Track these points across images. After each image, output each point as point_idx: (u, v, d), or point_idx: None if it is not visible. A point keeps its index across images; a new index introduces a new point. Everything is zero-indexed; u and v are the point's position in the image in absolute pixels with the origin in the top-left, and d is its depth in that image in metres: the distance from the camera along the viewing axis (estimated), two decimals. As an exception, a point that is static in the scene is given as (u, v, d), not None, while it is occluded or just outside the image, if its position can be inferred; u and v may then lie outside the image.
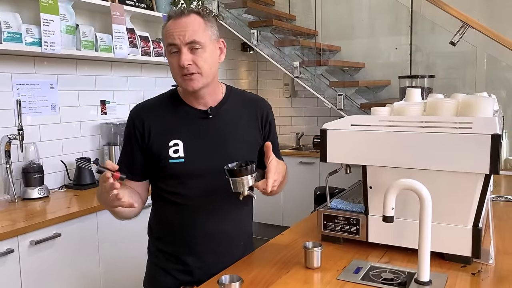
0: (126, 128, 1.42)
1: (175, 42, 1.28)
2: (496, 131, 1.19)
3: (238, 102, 1.47)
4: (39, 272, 2.02)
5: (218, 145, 1.38)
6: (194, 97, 1.39)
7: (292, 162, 4.18)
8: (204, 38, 1.30)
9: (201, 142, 1.36)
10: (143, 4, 3.13)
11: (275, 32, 4.25)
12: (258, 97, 1.56)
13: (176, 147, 1.35)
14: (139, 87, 3.28)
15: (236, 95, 1.49)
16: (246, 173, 1.21)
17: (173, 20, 1.31)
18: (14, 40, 2.25)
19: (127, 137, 1.41)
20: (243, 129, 1.44)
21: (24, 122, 2.44)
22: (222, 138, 1.39)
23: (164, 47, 1.36)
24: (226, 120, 1.42)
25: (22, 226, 1.94)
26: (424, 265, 1.16)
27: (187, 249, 1.40)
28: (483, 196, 1.27)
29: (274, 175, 1.23)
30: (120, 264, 2.40)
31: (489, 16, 3.73)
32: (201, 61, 1.30)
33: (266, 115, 1.49)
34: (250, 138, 1.45)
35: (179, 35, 1.28)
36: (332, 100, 3.79)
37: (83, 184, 2.65)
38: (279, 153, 1.57)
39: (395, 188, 1.18)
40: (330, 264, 1.35)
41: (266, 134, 1.50)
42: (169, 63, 1.35)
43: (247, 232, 1.53)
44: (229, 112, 1.43)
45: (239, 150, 1.40)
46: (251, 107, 1.48)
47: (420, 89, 1.78)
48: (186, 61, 1.28)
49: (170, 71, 1.37)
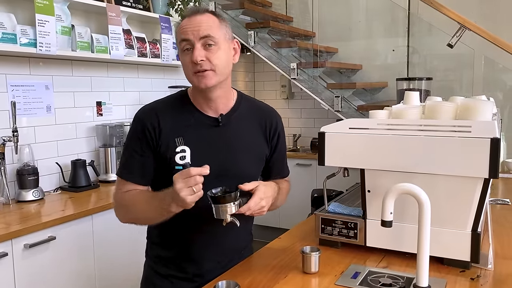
0: (133, 131, 1.35)
1: (188, 38, 1.24)
2: (495, 135, 1.19)
3: (248, 110, 1.42)
4: (34, 276, 2.00)
5: (225, 155, 1.34)
6: (205, 99, 1.33)
7: (289, 164, 4.08)
8: (218, 35, 1.26)
9: (209, 151, 1.32)
10: (139, 5, 3.12)
11: (272, 34, 4.24)
12: (268, 107, 1.51)
13: (183, 154, 1.30)
14: (135, 88, 3.26)
15: (246, 103, 1.44)
16: (230, 200, 1.19)
17: (188, 18, 1.28)
18: (9, 41, 2.23)
19: (136, 140, 1.33)
20: (251, 139, 1.40)
21: (19, 124, 2.42)
22: (230, 147, 1.35)
23: (178, 47, 1.32)
24: (236, 129, 1.37)
25: (16, 229, 1.91)
26: (422, 270, 1.15)
27: (187, 256, 1.38)
28: (482, 201, 1.27)
29: (256, 200, 1.22)
30: (115, 267, 2.37)
31: (486, 18, 3.73)
32: (215, 58, 1.25)
33: (275, 126, 1.45)
34: (258, 149, 1.42)
35: (193, 30, 1.24)
36: (329, 102, 3.79)
37: (78, 186, 2.62)
38: (285, 165, 1.56)
39: (393, 192, 1.16)
40: (328, 269, 1.34)
41: (274, 145, 1.46)
42: (182, 61, 1.30)
43: (248, 239, 1.52)
44: (239, 121, 1.38)
45: (245, 160, 1.38)
46: (261, 117, 1.44)
47: (418, 91, 1.77)
48: (200, 56, 1.23)
49: (184, 71, 1.31)
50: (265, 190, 1.26)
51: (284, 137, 1.51)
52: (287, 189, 1.54)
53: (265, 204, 1.25)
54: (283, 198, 1.48)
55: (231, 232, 1.35)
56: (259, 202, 1.23)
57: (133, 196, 1.32)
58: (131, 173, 1.34)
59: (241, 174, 1.34)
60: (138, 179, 1.34)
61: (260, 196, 1.24)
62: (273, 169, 1.49)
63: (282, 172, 1.54)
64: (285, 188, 1.51)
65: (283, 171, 1.55)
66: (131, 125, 1.37)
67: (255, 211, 1.24)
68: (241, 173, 1.34)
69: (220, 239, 1.38)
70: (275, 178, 1.50)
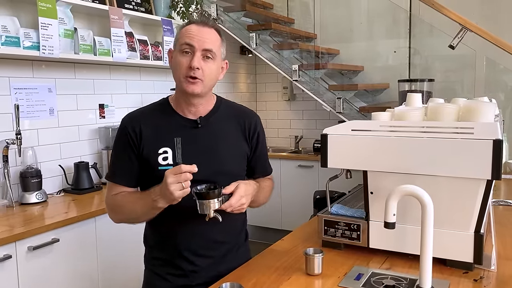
0: (118, 137, 1.45)
1: (193, 44, 1.33)
2: (498, 137, 1.19)
3: (227, 113, 1.50)
4: (37, 278, 2.01)
5: (207, 154, 1.40)
6: (187, 103, 1.42)
7: (291, 166, 4.17)
8: (217, 52, 1.38)
9: (190, 151, 1.37)
10: (141, 8, 3.13)
11: (273, 36, 4.25)
12: (247, 109, 1.59)
13: (165, 155, 1.38)
14: (137, 90, 3.27)
15: (225, 106, 1.52)
16: (214, 197, 1.26)
17: (197, 26, 1.37)
18: (12, 44, 2.24)
19: (121, 145, 1.43)
20: (231, 139, 1.47)
21: (22, 127, 2.43)
22: (210, 147, 1.42)
23: (175, 46, 1.40)
24: (215, 130, 1.45)
25: (20, 231, 1.92)
26: (426, 271, 1.15)
27: (180, 254, 1.42)
28: (485, 202, 1.27)
29: (237, 197, 1.29)
30: (118, 269, 2.38)
31: (487, 19, 3.73)
32: (208, 70, 1.36)
33: (254, 127, 1.52)
34: (238, 148, 1.48)
35: (199, 39, 1.34)
36: (331, 103, 3.79)
37: (81, 189, 2.63)
38: (268, 164, 1.63)
39: (396, 194, 1.17)
40: (331, 270, 1.34)
41: (254, 145, 1.52)
42: (175, 61, 1.37)
43: (239, 237, 1.54)
44: (218, 123, 1.46)
45: (227, 159, 1.44)
46: (240, 118, 1.51)
47: (420, 93, 1.78)
48: (198, 64, 1.33)
49: (174, 70, 1.39)
50: (245, 188, 1.33)
51: (264, 137, 1.58)
52: (270, 186, 1.60)
53: (245, 201, 1.32)
54: (266, 195, 1.55)
55: (216, 228, 1.40)
56: (240, 199, 1.30)
57: (122, 197, 1.41)
58: (118, 176, 1.43)
59: (222, 172, 1.40)
60: (125, 182, 1.43)
61: (240, 194, 1.30)
62: (256, 168, 1.56)
63: (265, 171, 1.60)
64: (267, 186, 1.57)
65: (266, 169, 1.61)
66: (117, 132, 1.47)
67: (236, 208, 1.30)
68: (223, 171, 1.41)
69: (206, 235, 1.42)
70: (259, 176, 1.57)
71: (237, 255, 1.49)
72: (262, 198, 1.52)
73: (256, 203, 1.47)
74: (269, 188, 1.58)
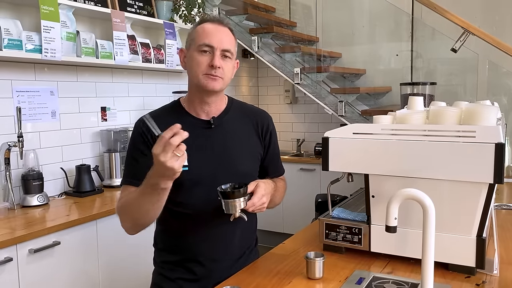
0: (133, 139, 1.41)
1: (213, 44, 1.34)
2: (500, 140, 1.18)
3: (240, 113, 1.50)
4: (38, 281, 2.00)
5: (221, 154, 1.40)
6: (201, 102, 1.41)
7: (293, 169, 4.16)
8: (234, 52, 1.41)
9: (205, 151, 1.37)
10: (144, 11, 3.13)
11: (275, 39, 4.25)
12: (259, 109, 1.59)
13: None
14: (139, 93, 3.27)
15: (237, 106, 1.52)
16: (239, 196, 1.23)
17: (213, 24, 1.37)
18: (15, 47, 2.25)
19: (136, 147, 1.39)
20: (244, 139, 1.47)
21: (24, 129, 2.43)
22: (224, 147, 1.41)
23: (192, 44, 1.37)
24: (228, 130, 1.44)
25: (21, 234, 1.92)
26: (427, 276, 1.14)
27: (193, 258, 1.40)
28: (487, 206, 1.26)
29: (259, 196, 1.29)
30: (120, 272, 2.38)
31: (490, 23, 3.72)
32: (227, 69, 1.37)
33: (266, 126, 1.52)
34: (251, 148, 1.48)
35: (218, 40, 1.34)
36: (333, 106, 3.78)
37: (83, 191, 2.63)
38: (280, 164, 1.62)
39: (398, 198, 1.16)
40: (332, 274, 1.34)
41: (267, 144, 1.52)
42: (193, 59, 1.36)
43: (252, 240, 1.54)
44: (231, 123, 1.45)
45: (241, 159, 1.43)
46: (252, 118, 1.51)
47: (422, 96, 1.77)
48: (219, 63, 1.34)
49: (190, 68, 1.37)
50: (265, 187, 1.33)
51: (276, 137, 1.58)
52: (284, 187, 1.60)
53: (265, 200, 1.31)
54: (281, 195, 1.55)
55: (235, 231, 1.40)
56: (261, 198, 1.30)
57: (127, 196, 1.34)
58: (132, 177, 1.37)
59: (237, 172, 1.39)
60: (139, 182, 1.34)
61: (261, 192, 1.30)
62: (269, 169, 1.55)
63: (278, 171, 1.60)
64: (282, 186, 1.57)
65: (278, 169, 1.61)
66: (131, 135, 1.44)
67: (257, 207, 1.29)
68: (237, 171, 1.40)
69: (224, 239, 1.41)
70: (272, 177, 1.55)
71: (248, 259, 1.48)
72: (278, 198, 1.51)
73: (272, 203, 1.44)
74: (283, 189, 1.58)
